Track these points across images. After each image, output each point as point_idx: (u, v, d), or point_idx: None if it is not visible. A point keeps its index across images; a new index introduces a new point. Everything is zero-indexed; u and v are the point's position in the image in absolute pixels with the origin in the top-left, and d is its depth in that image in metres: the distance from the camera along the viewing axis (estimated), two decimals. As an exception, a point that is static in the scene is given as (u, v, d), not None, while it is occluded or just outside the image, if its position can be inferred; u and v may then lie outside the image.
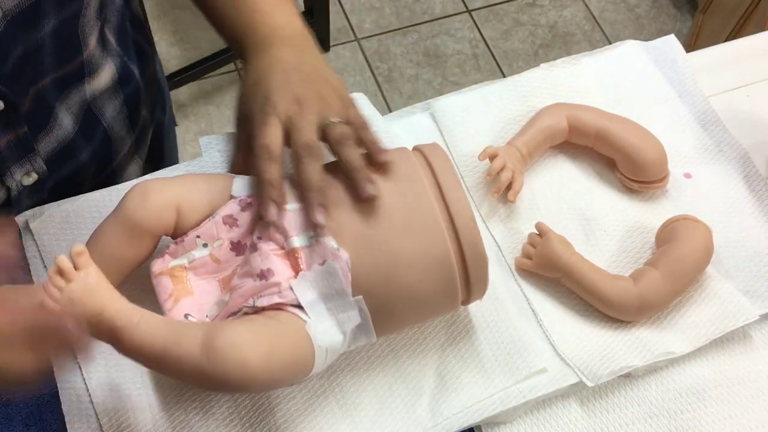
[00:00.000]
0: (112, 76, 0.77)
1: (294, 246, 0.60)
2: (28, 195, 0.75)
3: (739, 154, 0.81)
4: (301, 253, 0.59)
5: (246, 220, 0.62)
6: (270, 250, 0.60)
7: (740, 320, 0.70)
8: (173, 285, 0.61)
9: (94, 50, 0.72)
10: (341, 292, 0.59)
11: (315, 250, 0.59)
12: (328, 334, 0.58)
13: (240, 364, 0.54)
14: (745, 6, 1.76)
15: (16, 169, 0.71)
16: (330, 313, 0.59)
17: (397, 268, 0.60)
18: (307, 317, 0.58)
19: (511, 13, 2.17)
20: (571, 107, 0.79)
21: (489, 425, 0.66)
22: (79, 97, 0.75)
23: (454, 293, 0.63)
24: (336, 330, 0.59)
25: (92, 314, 0.53)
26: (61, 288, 0.52)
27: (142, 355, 0.55)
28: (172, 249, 0.63)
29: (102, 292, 0.53)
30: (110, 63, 0.77)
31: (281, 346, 0.56)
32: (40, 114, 0.71)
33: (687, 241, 0.71)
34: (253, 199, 0.62)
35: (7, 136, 0.68)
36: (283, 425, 0.64)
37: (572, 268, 0.70)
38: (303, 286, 0.59)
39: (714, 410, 0.67)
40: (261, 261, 0.59)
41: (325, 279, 0.59)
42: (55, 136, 0.74)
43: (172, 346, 0.54)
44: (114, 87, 0.78)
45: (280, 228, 0.60)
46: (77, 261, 0.53)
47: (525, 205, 0.77)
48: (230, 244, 0.62)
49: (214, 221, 0.62)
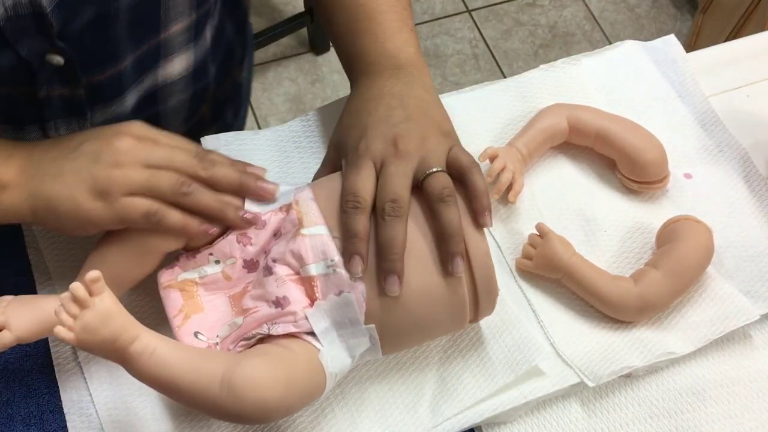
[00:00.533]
0: (186, 67, 0.77)
1: (310, 274, 0.59)
2: None
3: (739, 154, 0.81)
4: (317, 281, 0.59)
5: (260, 239, 0.61)
6: (285, 275, 0.59)
7: (741, 320, 0.70)
8: (183, 300, 0.61)
9: (174, 35, 0.72)
10: (355, 322, 0.59)
11: (331, 279, 0.58)
12: (339, 359, 0.59)
13: (260, 401, 0.54)
14: (745, 6, 1.76)
15: (62, 123, 0.72)
16: (341, 340, 0.59)
17: (411, 300, 0.59)
18: (320, 345, 0.58)
19: (511, 13, 2.17)
20: (571, 107, 0.79)
21: (490, 425, 0.66)
22: (151, 81, 0.75)
23: (463, 319, 0.63)
24: (345, 355, 0.59)
25: (106, 341, 0.52)
26: (74, 315, 0.52)
27: (156, 383, 0.54)
28: (182, 261, 0.62)
29: (116, 319, 0.52)
30: (189, 54, 0.76)
31: (297, 379, 0.57)
32: (111, 91, 0.71)
33: (687, 242, 0.71)
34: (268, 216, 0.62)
35: (61, 91, 0.68)
36: (284, 425, 0.65)
37: (573, 269, 0.70)
38: (318, 316, 0.58)
39: (714, 410, 0.67)
40: (277, 287, 0.59)
41: (340, 309, 0.58)
42: (112, 111, 0.74)
43: (189, 377, 0.54)
44: (186, 80, 0.78)
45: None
46: (92, 288, 0.52)
47: (525, 205, 0.77)
48: (243, 262, 0.61)
49: (228, 240, 0.61)
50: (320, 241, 0.59)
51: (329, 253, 0.59)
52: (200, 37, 0.76)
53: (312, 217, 0.60)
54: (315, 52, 2.05)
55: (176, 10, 0.69)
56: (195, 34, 0.75)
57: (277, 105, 1.96)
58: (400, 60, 0.68)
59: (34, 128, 0.71)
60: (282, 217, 0.62)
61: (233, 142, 0.78)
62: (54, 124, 0.71)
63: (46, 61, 0.62)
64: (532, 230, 0.74)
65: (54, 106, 0.69)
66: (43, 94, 0.67)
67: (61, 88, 0.68)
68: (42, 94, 0.67)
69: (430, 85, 0.68)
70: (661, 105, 0.85)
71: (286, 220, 0.61)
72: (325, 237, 0.59)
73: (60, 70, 0.64)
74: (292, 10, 2.07)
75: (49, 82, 0.66)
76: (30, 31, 0.59)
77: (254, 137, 0.79)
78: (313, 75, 2.03)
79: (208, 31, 0.77)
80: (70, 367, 0.67)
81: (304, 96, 1.99)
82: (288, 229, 0.61)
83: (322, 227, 0.60)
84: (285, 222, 0.61)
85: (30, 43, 0.60)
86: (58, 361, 0.67)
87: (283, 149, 0.79)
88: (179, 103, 0.81)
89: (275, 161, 0.78)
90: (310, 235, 0.59)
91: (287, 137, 0.79)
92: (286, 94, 1.98)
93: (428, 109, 0.65)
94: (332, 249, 0.59)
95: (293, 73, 2.02)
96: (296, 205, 0.61)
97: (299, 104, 1.97)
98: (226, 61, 0.86)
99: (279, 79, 1.99)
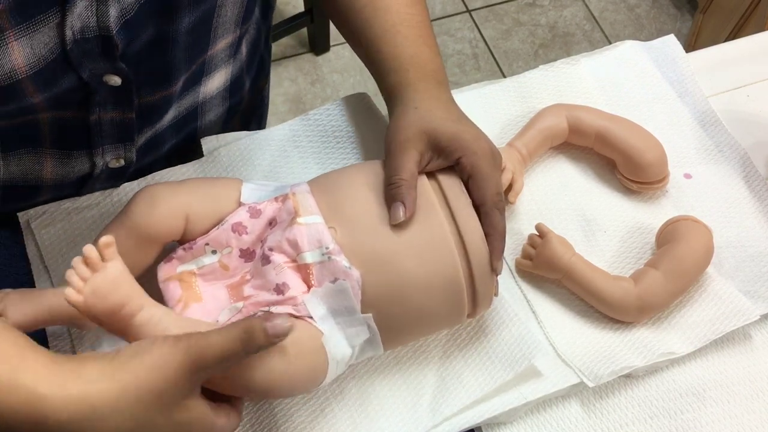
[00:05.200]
0: (224, 83, 0.78)
1: (306, 261, 0.59)
2: (107, 178, 0.76)
3: (739, 154, 0.81)
4: (312, 269, 0.59)
5: (255, 227, 0.62)
6: (284, 263, 0.59)
7: (741, 320, 0.70)
8: (182, 290, 0.61)
9: (218, 52, 0.73)
10: (351, 309, 0.59)
11: (327, 267, 0.59)
12: (339, 347, 0.59)
13: (266, 370, 0.54)
14: (745, 6, 1.76)
15: (109, 149, 0.72)
16: (339, 328, 0.59)
17: (407, 288, 0.60)
18: (321, 328, 0.58)
19: (511, 13, 2.17)
20: (571, 108, 0.79)
21: (490, 425, 0.66)
22: (192, 98, 0.76)
23: (461, 310, 0.63)
24: (345, 344, 0.59)
25: (114, 308, 0.52)
26: (85, 278, 0.52)
27: None
28: (179, 254, 0.62)
29: (126, 287, 0.53)
30: (227, 69, 0.78)
31: (302, 354, 0.57)
32: (159, 112, 0.72)
33: (687, 242, 0.71)
34: (264, 206, 0.62)
35: (113, 114, 0.68)
36: (283, 426, 0.65)
37: (572, 269, 0.70)
38: (314, 302, 0.59)
39: (714, 410, 0.68)
40: (276, 275, 0.59)
41: (336, 296, 0.59)
42: (154, 129, 0.75)
43: None
44: (223, 94, 0.80)
45: None
46: (104, 252, 0.52)
47: (525, 206, 0.77)
48: (239, 252, 0.62)
49: (224, 229, 0.62)
50: (316, 230, 0.60)
51: (324, 241, 0.59)
52: (239, 52, 0.77)
53: (308, 207, 0.61)
54: (315, 52, 2.05)
55: (223, 27, 0.71)
56: (235, 50, 0.76)
57: (277, 105, 1.96)
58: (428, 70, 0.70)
59: (81, 154, 0.72)
60: (278, 206, 0.62)
61: (233, 142, 0.78)
62: (101, 150, 0.72)
63: (103, 81, 0.63)
64: (532, 230, 0.74)
65: (104, 131, 0.70)
66: (95, 117, 0.68)
67: (113, 110, 0.68)
68: (93, 117, 0.67)
69: None
70: (661, 105, 0.85)
71: (282, 209, 0.62)
72: (320, 225, 0.60)
73: (115, 91, 0.65)
74: (292, 10, 2.07)
75: (103, 104, 0.67)
76: (94, 54, 0.59)
77: (254, 137, 0.79)
78: (313, 75, 2.03)
79: (244, 45, 0.78)
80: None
81: (304, 96, 1.99)
82: (284, 218, 0.61)
83: (318, 216, 0.61)
84: (281, 212, 0.62)
85: (92, 65, 0.61)
86: (58, 362, 0.67)
87: (283, 149, 0.79)
88: (216, 117, 0.82)
89: (275, 161, 0.78)
90: (306, 224, 0.60)
91: (287, 137, 0.79)
92: (285, 94, 1.97)
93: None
94: (327, 237, 0.59)
95: (293, 73, 2.02)
96: (293, 196, 0.62)
97: (299, 104, 1.97)
98: (258, 73, 0.88)
99: (279, 80, 1.99)
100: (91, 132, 0.69)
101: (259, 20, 0.82)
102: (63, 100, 0.63)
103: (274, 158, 0.78)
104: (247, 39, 0.79)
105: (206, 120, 0.81)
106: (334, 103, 0.81)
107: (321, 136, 0.79)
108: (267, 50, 0.89)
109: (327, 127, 0.80)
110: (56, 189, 0.74)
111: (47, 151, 0.70)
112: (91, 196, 0.74)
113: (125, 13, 0.58)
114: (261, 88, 0.91)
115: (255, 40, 0.82)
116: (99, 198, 0.74)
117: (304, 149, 0.79)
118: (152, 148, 0.77)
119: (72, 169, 0.73)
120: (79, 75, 0.60)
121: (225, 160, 0.77)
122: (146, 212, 0.61)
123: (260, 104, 0.93)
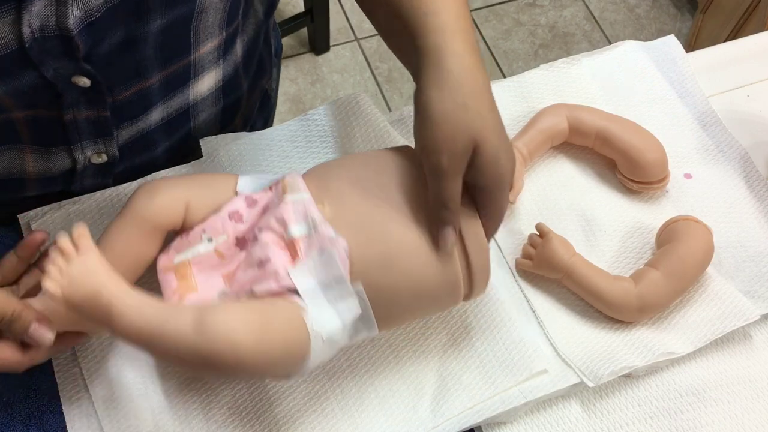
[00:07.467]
0: (215, 84, 0.78)
1: (293, 235, 0.60)
2: (93, 174, 0.76)
3: (739, 154, 0.81)
4: (300, 242, 0.60)
5: (251, 217, 0.62)
6: (270, 240, 0.60)
7: (741, 320, 0.70)
8: (178, 282, 0.61)
9: (204, 55, 0.73)
10: (339, 279, 0.59)
11: (314, 239, 0.59)
12: (328, 322, 0.58)
13: (231, 340, 0.54)
14: (745, 6, 1.76)
15: (88, 145, 0.72)
16: (329, 303, 0.59)
17: (397, 255, 0.60)
18: (304, 304, 0.58)
19: (511, 13, 2.17)
20: (571, 108, 0.79)
21: (490, 425, 0.66)
22: (181, 100, 0.76)
23: (455, 281, 0.62)
24: (336, 319, 0.58)
25: (89, 295, 0.53)
26: (61, 268, 0.53)
27: (136, 337, 0.54)
28: (176, 243, 0.63)
29: (100, 274, 0.54)
30: (218, 70, 0.77)
31: (273, 327, 0.56)
32: (137, 108, 0.72)
33: (687, 242, 0.71)
34: (259, 196, 0.62)
35: (87, 113, 0.68)
36: (284, 426, 0.65)
37: (573, 269, 0.70)
38: (301, 273, 0.59)
39: (714, 410, 0.68)
40: (260, 250, 0.59)
41: (323, 266, 0.59)
42: (138, 127, 0.75)
43: (165, 325, 0.54)
44: (216, 95, 0.79)
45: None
46: (78, 243, 0.54)
47: (525, 205, 0.77)
48: (235, 240, 0.62)
49: (220, 216, 0.62)
50: (302, 205, 0.60)
51: (310, 213, 0.60)
52: (229, 53, 0.77)
53: (296, 186, 0.62)
54: (315, 52, 2.05)
55: (207, 32, 0.70)
56: (224, 51, 0.76)
57: (277, 105, 1.96)
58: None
59: (60, 150, 0.72)
60: (271, 194, 0.63)
61: (232, 143, 0.78)
62: (80, 146, 0.72)
63: (72, 82, 0.63)
64: (532, 230, 0.74)
65: (81, 128, 0.70)
66: (70, 117, 0.68)
67: (87, 110, 0.68)
68: (68, 116, 0.68)
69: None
70: (661, 105, 0.85)
71: (273, 195, 0.63)
72: (307, 201, 0.61)
73: (86, 92, 0.65)
74: (292, 10, 2.07)
75: (76, 105, 0.67)
76: (56, 53, 0.59)
77: (253, 138, 0.79)
78: (313, 75, 2.03)
79: (238, 45, 0.78)
80: (69, 367, 0.67)
81: (304, 96, 1.99)
82: (275, 202, 0.62)
83: (305, 193, 0.61)
84: (273, 197, 0.63)
85: (55, 65, 0.60)
86: (58, 362, 0.67)
87: (282, 149, 0.79)
88: (210, 117, 0.82)
89: (275, 161, 0.78)
90: (293, 201, 0.61)
91: (287, 137, 0.79)
92: (285, 94, 1.97)
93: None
94: (313, 209, 0.60)
95: (293, 73, 2.03)
96: (283, 181, 0.63)
97: (299, 104, 1.97)
98: (259, 72, 0.87)
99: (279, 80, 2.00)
100: (67, 129, 0.69)
101: (260, 20, 0.81)
102: (30, 98, 0.63)
103: (273, 159, 0.78)
104: (242, 39, 0.78)
105: (199, 121, 0.81)
106: (332, 103, 0.81)
107: (320, 136, 0.80)
108: (267, 49, 0.89)
109: (326, 128, 0.80)
110: (42, 183, 0.75)
111: (27, 147, 0.70)
112: (91, 196, 0.74)
113: (90, 15, 0.57)
114: (266, 86, 0.90)
115: (253, 39, 0.81)
116: (99, 198, 0.74)
117: (303, 149, 0.79)
118: (143, 148, 0.77)
119: (53, 165, 0.73)
120: (40, 73, 0.60)
121: (224, 161, 0.77)
122: (147, 202, 0.61)
123: (266, 103, 0.93)
